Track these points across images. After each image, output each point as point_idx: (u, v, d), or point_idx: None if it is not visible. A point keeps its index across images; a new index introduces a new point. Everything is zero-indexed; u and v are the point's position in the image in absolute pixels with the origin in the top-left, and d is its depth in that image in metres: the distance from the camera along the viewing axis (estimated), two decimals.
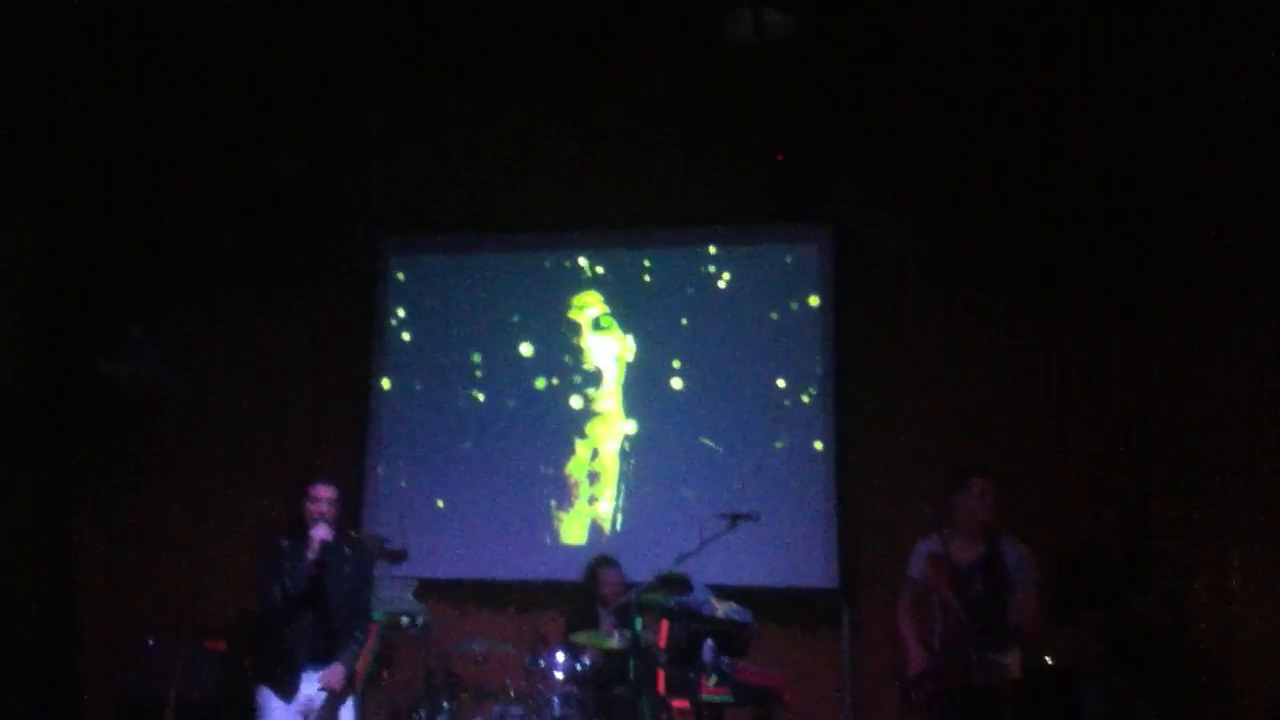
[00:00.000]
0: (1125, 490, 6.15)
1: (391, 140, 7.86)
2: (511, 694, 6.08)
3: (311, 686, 4.96)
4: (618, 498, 7.60)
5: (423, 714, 6.07)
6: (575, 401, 7.71)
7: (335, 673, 5.00)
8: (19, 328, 7.30)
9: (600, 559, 6.74)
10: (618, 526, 7.55)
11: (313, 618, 4.96)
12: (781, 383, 7.47)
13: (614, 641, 5.84)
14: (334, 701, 5.00)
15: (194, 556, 7.70)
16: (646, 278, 7.79)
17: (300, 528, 4.98)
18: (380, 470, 7.79)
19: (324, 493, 5.01)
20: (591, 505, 7.61)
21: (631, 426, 7.63)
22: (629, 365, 7.70)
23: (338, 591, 5.01)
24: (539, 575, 7.45)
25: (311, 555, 4.89)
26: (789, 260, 7.66)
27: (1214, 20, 6.45)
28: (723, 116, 7.63)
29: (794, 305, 7.55)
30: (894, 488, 7.04)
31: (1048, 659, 5.78)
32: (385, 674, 6.39)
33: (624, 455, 7.62)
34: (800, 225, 7.66)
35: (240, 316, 8.03)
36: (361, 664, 5.32)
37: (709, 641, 5.59)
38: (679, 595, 5.67)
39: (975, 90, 7.25)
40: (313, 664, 4.97)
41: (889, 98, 7.43)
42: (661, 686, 5.78)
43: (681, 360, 7.62)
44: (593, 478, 7.64)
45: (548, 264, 7.92)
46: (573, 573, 6.94)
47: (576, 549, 7.42)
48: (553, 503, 7.63)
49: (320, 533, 4.91)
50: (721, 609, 5.71)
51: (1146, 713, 5.56)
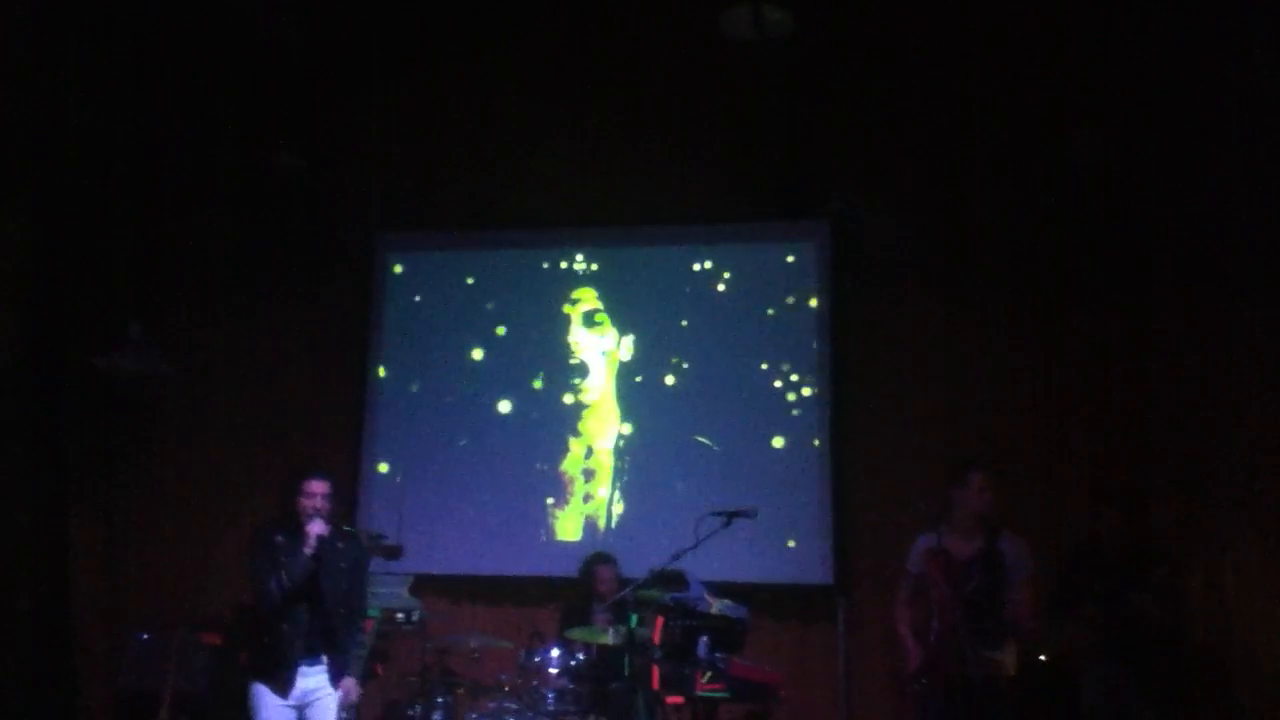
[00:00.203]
0: (1125, 487, 6.15)
1: (389, 138, 7.87)
2: (506, 689, 6.08)
3: (307, 681, 4.96)
4: (613, 494, 7.60)
5: (418, 709, 6.08)
6: (569, 398, 7.72)
7: (353, 688, 5.08)
8: (17, 324, 7.28)
9: (597, 556, 6.76)
10: (613, 523, 7.55)
11: (308, 612, 4.96)
12: (778, 380, 7.47)
13: (609, 637, 5.85)
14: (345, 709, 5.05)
15: (190, 551, 7.71)
16: (643, 274, 7.80)
17: (293, 522, 4.98)
18: (376, 466, 7.79)
19: (318, 487, 5.01)
20: (587, 502, 7.61)
21: (627, 423, 7.64)
22: (623, 362, 7.71)
23: (333, 586, 5.01)
24: (534, 571, 7.46)
25: (309, 550, 4.89)
26: (787, 257, 7.66)
27: (1214, 17, 6.45)
28: (720, 113, 7.63)
29: (791, 302, 7.55)
30: (890, 485, 7.03)
31: (1042, 656, 5.79)
32: (380, 669, 6.40)
33: (619, 452, 7.62)
34: (798, 222, 7.65)
35: (238, 313, 8.03)
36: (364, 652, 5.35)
37: (704, 637, 5.58)
38: (674, 591, 5.67)
39: (974, 87, 7.26)
40: (308, 659, 4.97)
41: (888, 95, 7.44)
42: (656, 682, 5.78)
43: (678, 357, 7.62)
44: (588, 474, 7.64)
45: (545, 261, 7.91)
46: (568, 569, 6.95)
47: (572, 545, 7.42)
48: (548, 499, 7.64)
49: (316, 527, 4.91)
50: (717, 605, 5.70)
51: (1144, 708, 5.56)
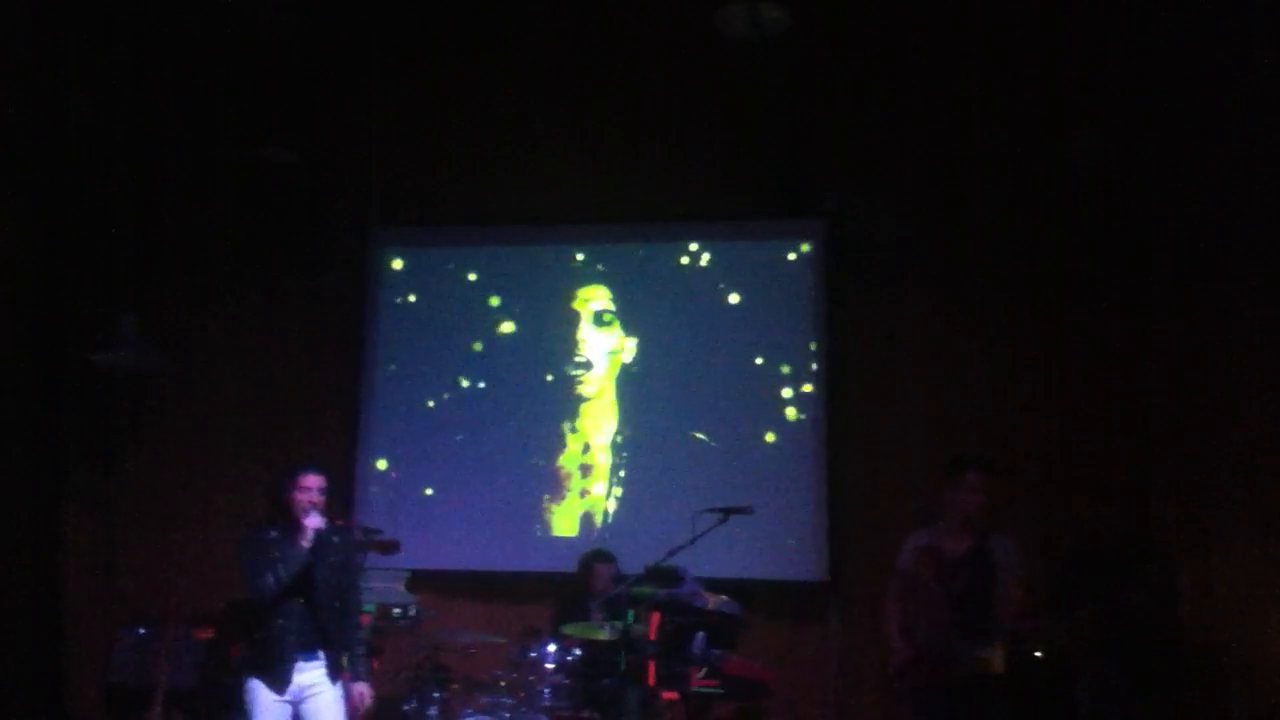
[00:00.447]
0: (1125, 487, 6.15)
1: (387, 134, 7.84)
2: (501, 685, 6.07)
3: (302, 676, 4.95)
4: (609, 490, 7.60)
5: (413, 705, 6.07)
6: (568, 394, 7.71)
7: (366, 693, 5.10)
8: (13, 320, 7.28)
9: (596, 553, 6.74)
10: (609, 519, 7.55)
11: (303, 607, 4.95)
12: (776, 377, 7.47)
13: (605, 633, 5.85)
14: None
15: (184, 546, 7.70)
16: (642, 271, 7.80)
17: (286, 517, 4.97)
18: (373, 461, 7.78)
19: (313, 482, 4.99)
20: (583, 498, 7.61)
21: (625, 419, 7.64)
22: (624, 361, 7.71)
23: (328, 581, 5.00)
24: (530, 567, 7.46)
25: (306, 544, 4.89)
26: (786, 256, 7.66)
27: (1214, 14, 6.45)
28: (720, 112, 7.63)
29: (789, 300, 7.55)
30: (887, 483, 7.04)
31: (1038, 654, 5.79)
32: (375, 665, 6.39)
33: (616, 448, 7.62)
34: (797, 221, 7.66)
35: (235, 308, 8.02)
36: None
37: (700, 634, 5.59)
38: (670, 588, 5.68)
39: (974, 86, 7.25)
40: (303, 653, 4.96)
41: (887, 93, 7.43)
42: (651, 678, 5.79)
43: (675, 353, 7.62)
44: (584, 470, 7.64)
45: (542, 257, 7.91)
46: (564, 565, 6.94)
47: (568, 541, 7.42)
48: (544, 495, 7.64)
49: (314, 521, 4.90)
50: (712, 601, 5.71)
51: (1141, 707, 5.56)
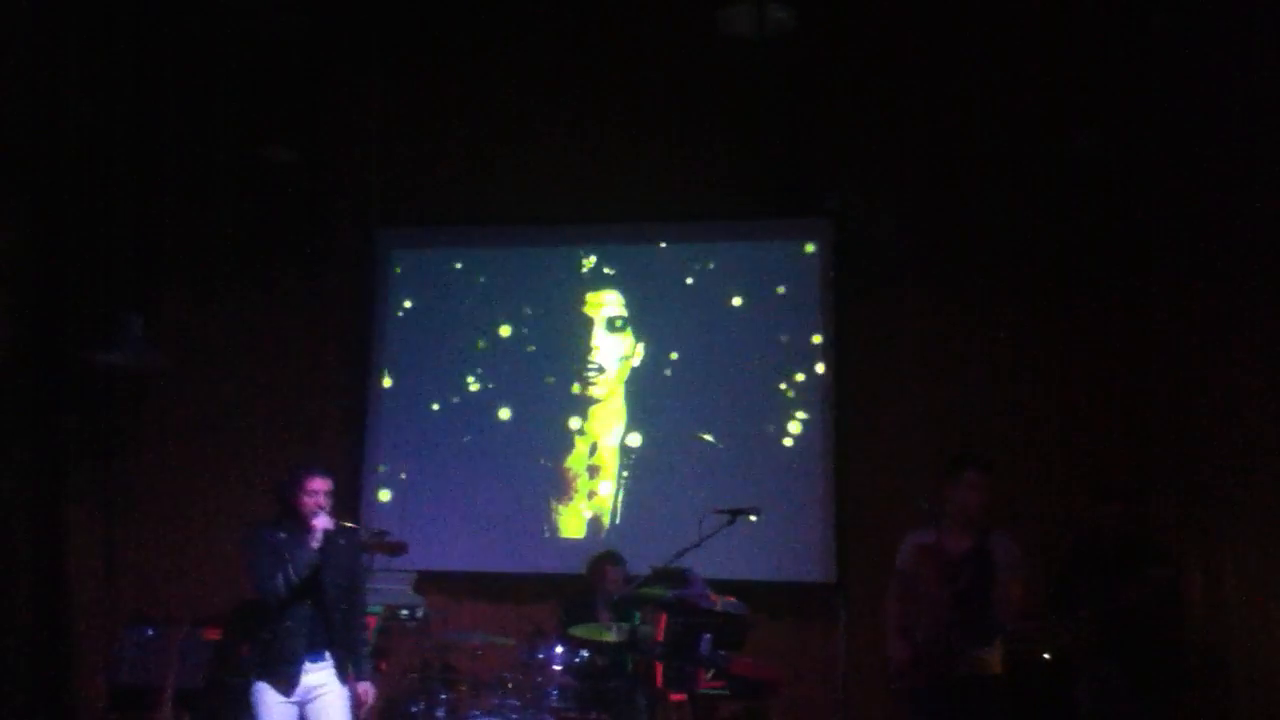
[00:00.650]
0: (1125, 485, 6.14)
1: (389, 134, 7.86)
2: (509, 686, 6.08)
3: (309, 677, 4.97)
4: (617, 492, 7.60)
5: (420, 705, 6.08)
6: (576, 395, 7.72)
7: (370, 692, 5.11)
8: (15, 318, 7.28)
9: (606, 555, 6.72)
10: (616, 520, 7.56)
11: (311, 608, 4.97)
12: (780, 377, 7.47)
13: (612, 634, 5.85)
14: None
15: (189, 546, 7.73)
16: (647, 272, 7.80)
17: (292, 517, 4.99)
18: (379, 462, 7.79)
19: (321, 484, 5.01)
20: (590, 499, 7.62)
21: (632, 420, 7.64)
22: (633, 363, 7.71)
23: (335, 582, 5.02)
24: (537, 568, 7.47)
25: (315, 545, 4.91)
26: (789, 256, 7.66)
27: (1214, 13, 6.43)
28: (723, 112, 7.63)
29: (794, 300, 7.55)
30: (892, 483, 7.03)
31: (1045, 655, 5.78)
32: (383, 665, 6.41)
33: (623, 449, 7.63)
34: (801, 221, 7.67)
35: (238, 308, 8.04)
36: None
37: (706, 635, 5.59)
38: (677, 589, 5.68)
39: (973, 84, 7.25)
40: (311, 655, 4.98)
41: (888, 92, 7.43)
42: (659, 679, 5.80)
43: (680, 354, 7.63)
44: (592, 471, 7.65)
45: (548, 258, 7.92)
46: (571, 566, 6.95)
47: (575, 542, 7.43)
48: (552, 496, 7.64)
49: (323, 522, 4.93)
50: (719, 603, 5.71)
51: (1141, 707, 5.55)
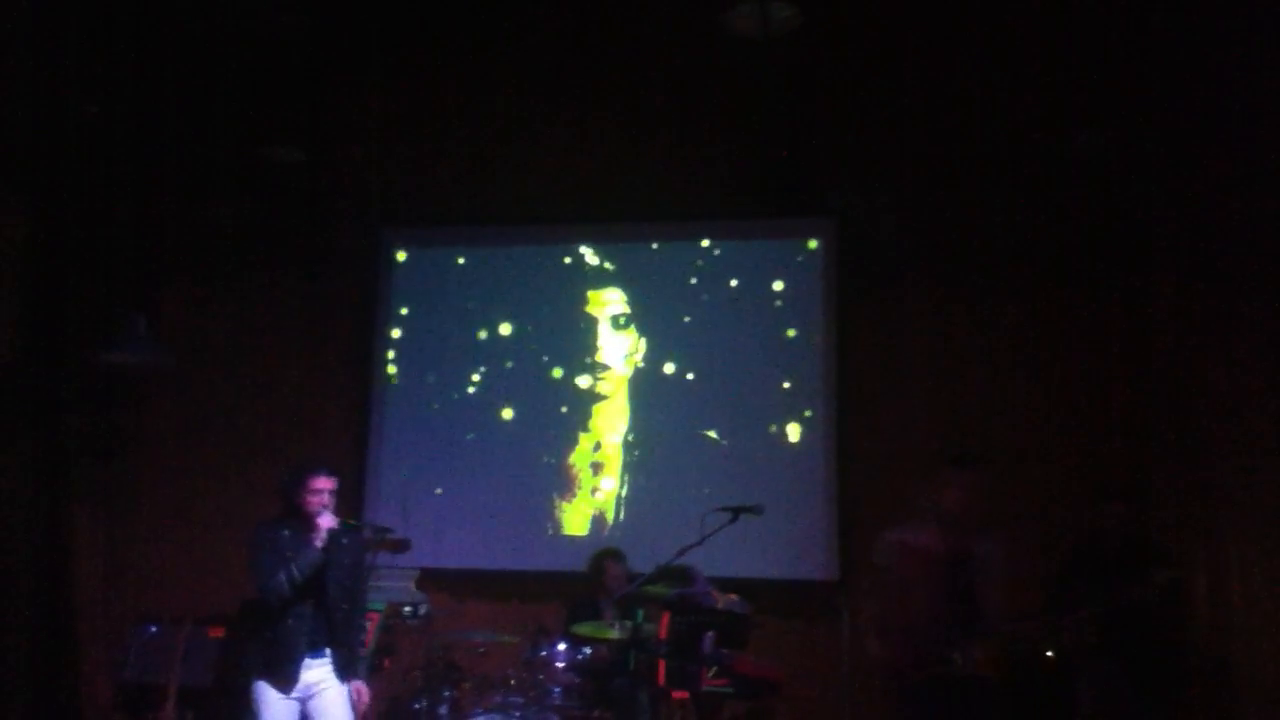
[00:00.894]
0: (1124, 486, 6.14)
1: (392, 133, 7.87)
2: (512, 684, 6.09)
3: (310, 674, 4.99)
4: (620, 489, 7.61)
5: (424, 703, 6.08)
6: (579, 393, 7.72)
7: (364, 691, 5.12)
8: (18, 317, 7.28)
9: (607, 551, 6.74)
10: (620, 517, 7.56)
11: (313, 606, 4.98)
12: (783, 375, 7.47)
13: (615, 633, 5.86)
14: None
15: (194, 544, 7.73)
16: (651, 270, 7.79)
17: (297, 516, 5.00)
18: (382, 460, 7.80)
19: (325, 483, 5.03)
20: (594, 496, 7.62)
21: (635, 418, 7.64)
22: (636, 361, 7.71)
23: (338, 580, 5.03)
24: (541, 566, 7.47)
25: (319, 544, 4.92)
26: (791, 253, 7.66)
27: (1214, 12, 6.41)
28: (725, 110, 7.61)
29: (796, 298, 7.54)
30: (894, 481, 7.03)
31: (1049, 654, 5.78)
32: (387, 663, 6.42)
33: (627, 446, 7.63)
34: (802, 219, 7.66)
35: (242, 307, 8.05)
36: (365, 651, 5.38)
37: (710, 633, 5.59)
38: (680, 587, 5.68)
39: (975, 84, 7.22)
40: (311, 652, 5.00)
41: (890, 91, 7.40)
42: (662, 678, 5.79)
43: (684, 352, 7.62)
44: (595, 469, 7.65)
45: (551, 256, 7.92)
46: (574, 564, 6.95)
47: (578, 540, 7.43)
48: (555, 494, 7.65)
49: (327, 521, 4.94)
50: (722, 601, 5.71)
51: (1141, 706, 5.55)
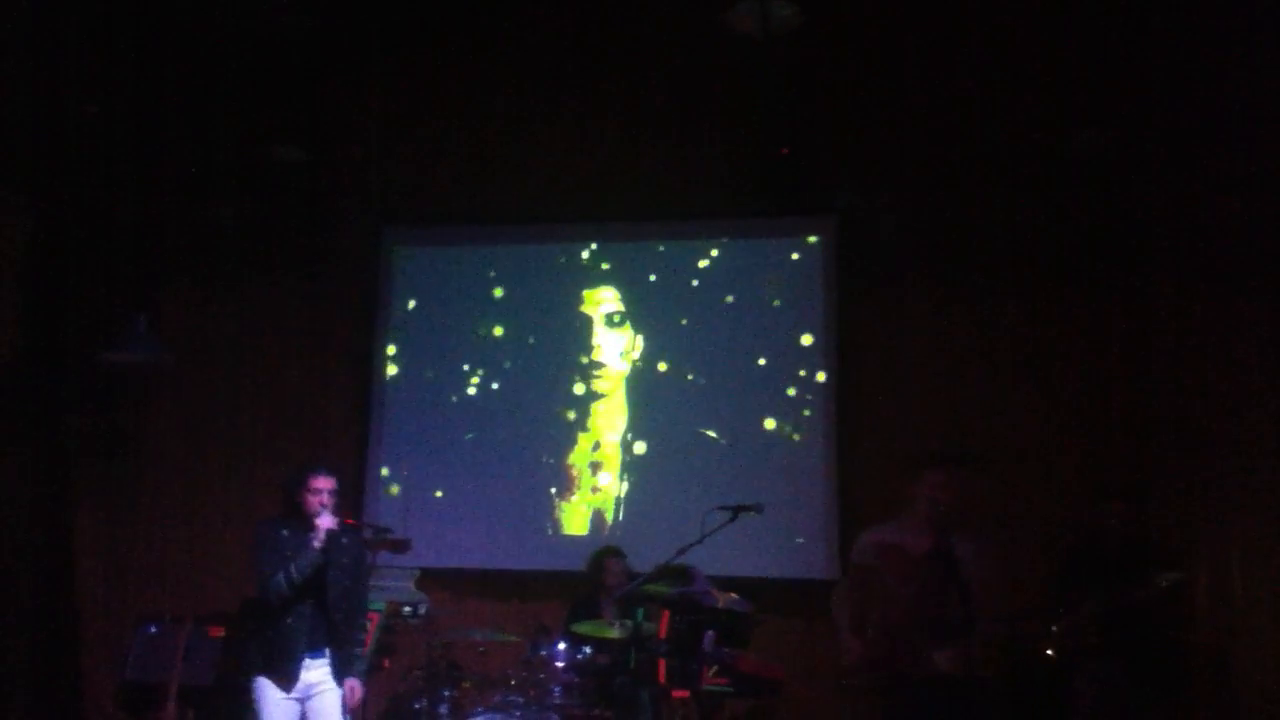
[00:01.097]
0: (1124, 486, 6.14)
1: (393, 132, 7.87)
2: (512, 683, 6.09)
3: (309, 674, 4.99)
4: (620, 488, 7.60)
5: (424, 703, 6.08)
6: (578, 392, 7.71)
7: (358, 689, 5.12)
8: (21, 317, 7.29)
9: (607, 549, 6.76)
10: (620, 517, 7.56)
11: (312, 606, 4.99)
12: (783, 374, 7.46)
13: (615, 632, 5.86)
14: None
15: (195, 543, 7.74)
16: (649, 269, 7.78)
17: (297, 516, 5.00)
18: (382, 459, 7.79)
19: (325, 483, 5.04)
20: (594, 495, 7.62)
21: (635, 418, 7.64)
22: (635, 360, 7.71)
23: (337, 581, 5.04)
24: (541, 565, 7.46)
25: (318, 544, 4.92)
26: (791, 252, 7.64)
27: (1215, 11, 6.41)
28: (725, 109, 7.60)
29: (796, 298, 7.53)
30: (894, 481, 7.02)
31: (1050, 653, 5.77)
32: (387, 663, 6.42)
33: (626, 446, 7.62)
34: (803, 217, 7.65)
35: (243, 306, 8.04)
36: (364, 651, 5.37)
37: (710, 632, 5.59)
38: (680, 586, 5.68)
39: (976, 83, 7.21)
40: (311, 652, 5.00)
41: (890, 89, 7.40)
42: (662, 677, 5.79)
43: (684, 351, 7.62)
44: (594, 468, 7.65)
45: (552, 255, 7.91)
46: (574, 563, 6.95)
47: (578, 539, 7.43)
48: (554, 493, 7.64)
49: (326, 521, 4.94)
50: (722, 600, 5.71)
51: (1141, 706, 5.54)
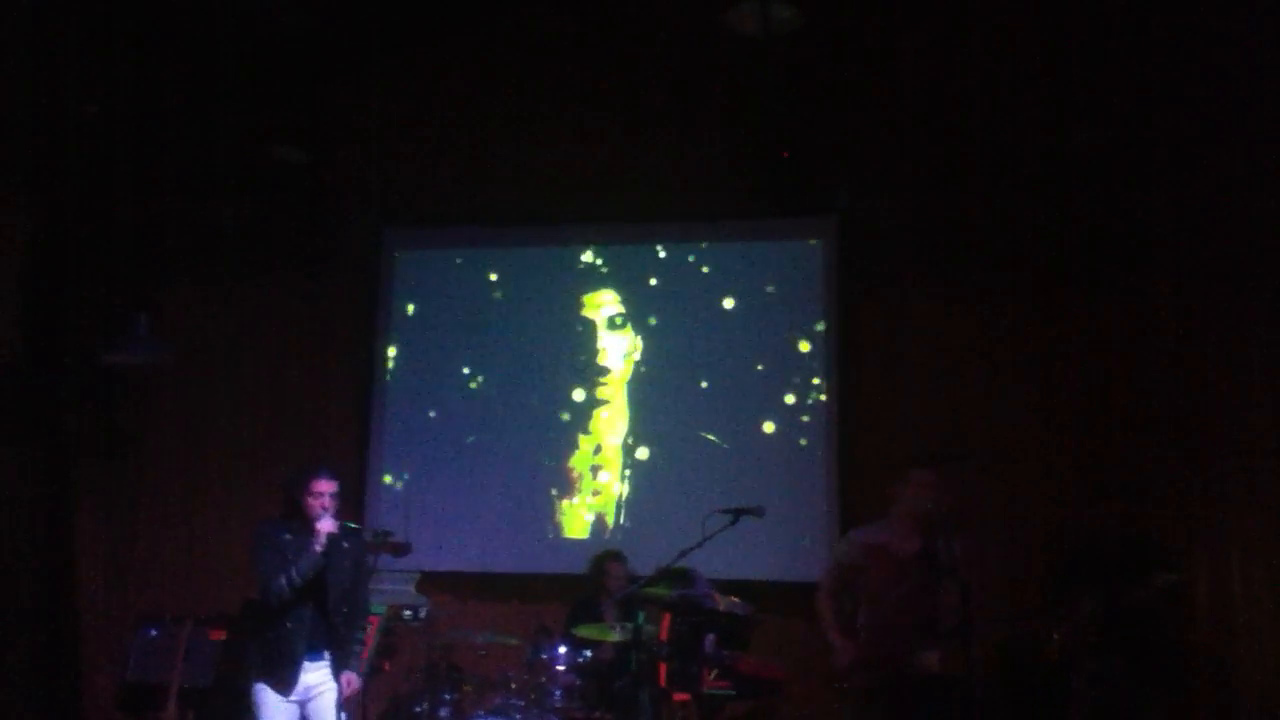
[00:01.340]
0: (1124, 486, 6.15)
1: (393, 133, 7.86)
2: (513, 686, 6.09)
3: (309, 676, 4.99)
4: (621, 491, 7.60)
5: (424, 705, 6.08)
6: (579, 395, 7.71)
7: (354, 680, 5.11)
8: (21, 317, 7.29)
9: (608, 553, 6.75)
10: (620, 519, 7.56)
11: (313, 609, 4.99)
12: (784, 376, 7.45)
13: (616, 634, 5.85)
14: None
15: (196, 545, 7.74)
16: (650, 271, 7.78)
17: (299, 519, 5.00)
18: (383, 462, 7.79)
19: (326, 486, 5.03)
20: (595, 498, 7.61)
21: (635, 420, 7.63)
22: (636, 362, 7.71)
23: (338, 584, 5.04)
24: (541, 568, 7.46)
25: (319, 547, 4.92)
26: (792, 253, 7.65)
27: (1215, 10, 6.41)
28: (725, 109, 7.60)
29: (796, 299, 7.53)
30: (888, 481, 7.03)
31: (1049, 653, 5.78)
32: (387, 665, 6.42)
33: (627, 449, 7.62)
34: (803, 218, 7.65)
35: (243, 307, 8.04)
36: (364, 654, 5.37)
37: (711, 635, 5.59)
38: (681, 589, 5.68)
39: (978, 82, 7.22)
40: (311, 655, 5.00)
41: (891, 89, 7.40)
42: (663, 679, 5.79)
43: (684, 354, 7.61)
44: (595, 471, 7.64)
45: (552, 257, 7.92)
46: (575, 566, 6.94)
47: (579, 542, 7.43)
48: (555, 495, 7.64)
49: (327, 525, 4.94)
50: (723, 602, 5.71)
51: (1142, 704, 5.54)
